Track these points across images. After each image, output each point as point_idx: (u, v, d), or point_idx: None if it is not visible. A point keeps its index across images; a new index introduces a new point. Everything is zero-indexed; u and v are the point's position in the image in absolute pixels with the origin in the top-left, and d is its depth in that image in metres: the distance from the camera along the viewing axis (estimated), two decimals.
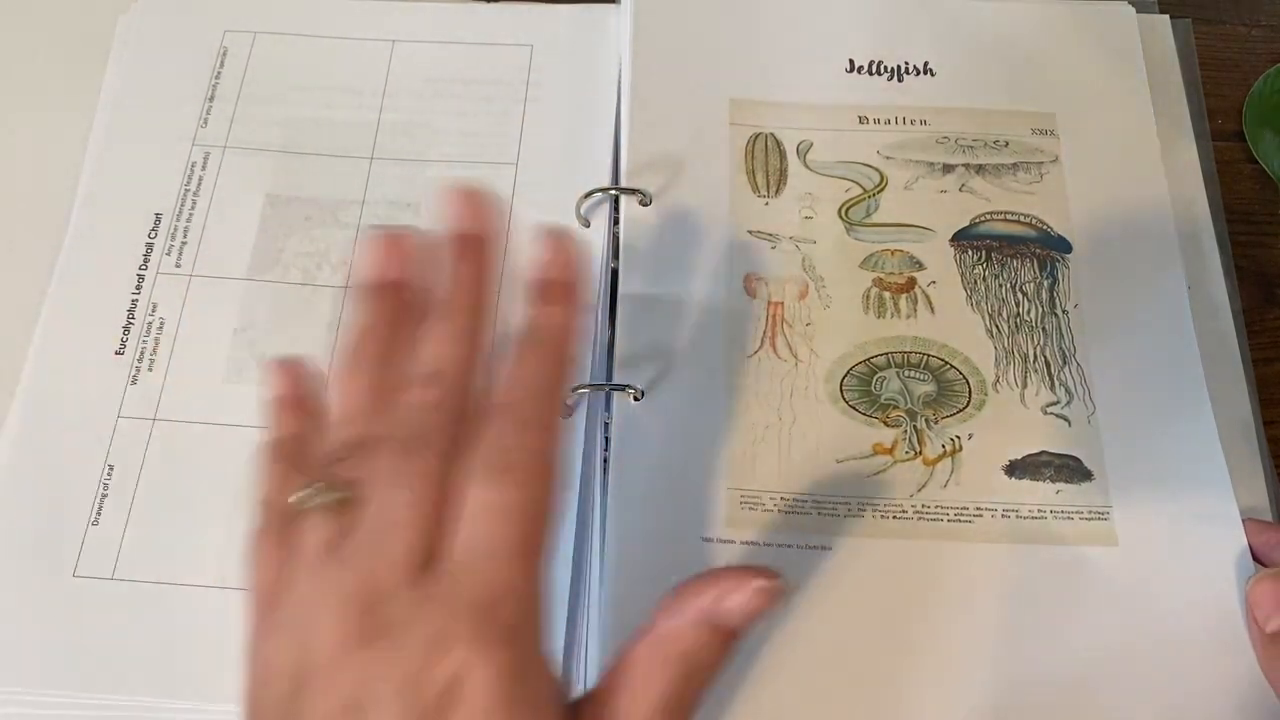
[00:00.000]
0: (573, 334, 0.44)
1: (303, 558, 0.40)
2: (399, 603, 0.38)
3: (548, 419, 0.42)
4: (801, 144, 0.68)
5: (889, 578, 0.57)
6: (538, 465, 0.41)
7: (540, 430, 0.41)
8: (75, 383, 0.63)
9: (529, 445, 0.41)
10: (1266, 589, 0.53)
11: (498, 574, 0.39)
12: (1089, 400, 0.61)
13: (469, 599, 0.38)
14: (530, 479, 0.40)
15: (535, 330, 0.43)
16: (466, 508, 0.39)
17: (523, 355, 0.43)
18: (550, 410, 0.42)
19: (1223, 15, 0.76)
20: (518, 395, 0.42)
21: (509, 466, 0.40)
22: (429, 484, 0.40)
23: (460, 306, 0.44)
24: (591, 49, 0.73)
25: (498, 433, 0.41)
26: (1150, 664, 0.55)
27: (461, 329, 0.43)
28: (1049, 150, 0.68)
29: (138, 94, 0.71)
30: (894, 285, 0.64)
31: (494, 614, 0.38)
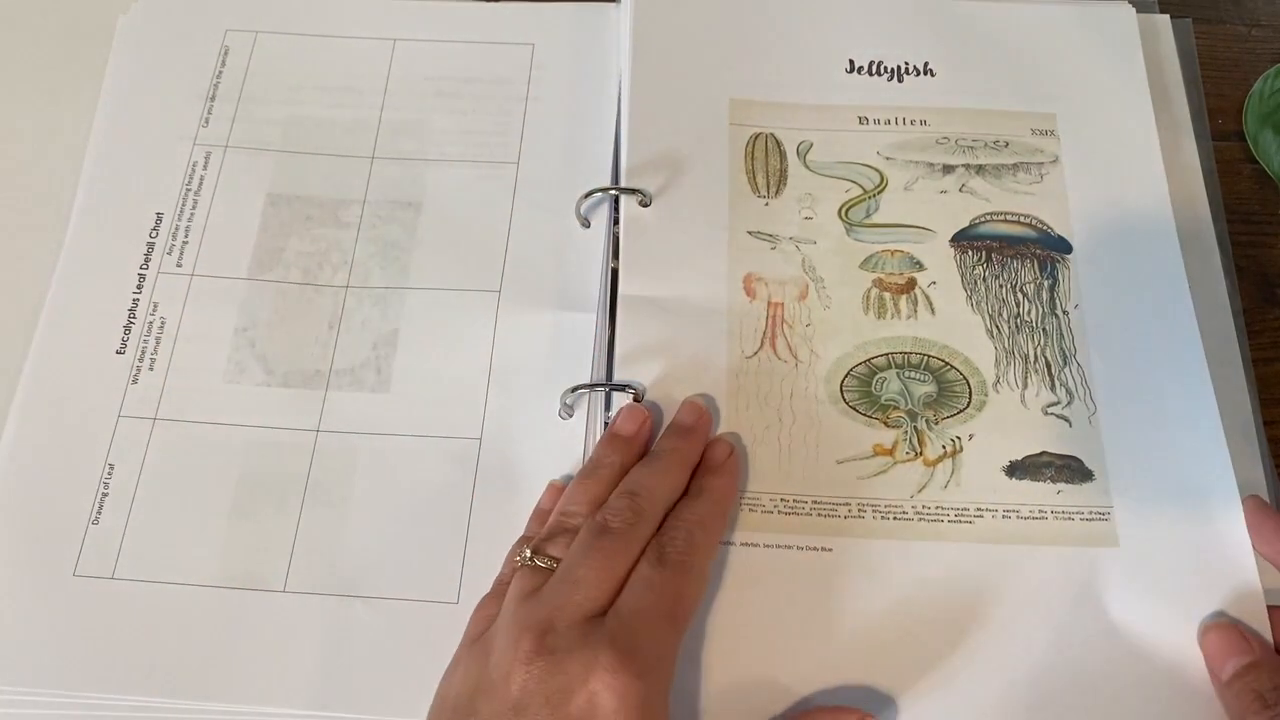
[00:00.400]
0: (732, 495, 0.59)
1: (509, 599, 0.52)
2: (566, 636, 0.49)
3: (703, 543, 0.55)
4: (802, 144, 0.68)
5: (890, 579, 0.57)
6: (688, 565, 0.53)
7: (695, 548, 0.54)
8: (76, 382, 0.63)
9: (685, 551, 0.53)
10: (1214, 639, 0.55)
11: (642, 627, 0.50)
12: (1090, 400, 0.61)
13: (617, 640, 0.49)
14: (680, 570, 0.53)
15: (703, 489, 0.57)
16: (629, 583, 0.52)
17: (690, 502, 0.56)
18: (707, 539, 0.55)
19: (1223, 15, 0.76)
20: (682, 522, 0.55)
21: (668, 559, 0.53)
22: (609, 560, 0.52)
23: (665, 455, 0.58)
24: (592, 48, 0.73)
25: (668, 538, 0.54)
26: (1152, 664, 0.55)
27: (664, 469, 0.57)
28: (1049, 151, 0.68)
29: (138, 94, 0.71)
30: (894, 286, 0.64)
31: (633, 655, 0.48)
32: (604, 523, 0.53)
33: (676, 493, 0.57)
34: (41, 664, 0.56)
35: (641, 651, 0.49)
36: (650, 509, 0.54)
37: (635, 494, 0.55)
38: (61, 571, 0.58)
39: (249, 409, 0.62)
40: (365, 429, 0.62)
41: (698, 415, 0.60)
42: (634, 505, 0.54)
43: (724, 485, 0.58)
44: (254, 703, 0.56)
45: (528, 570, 0.53)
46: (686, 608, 0.53)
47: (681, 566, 0.53)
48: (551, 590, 0.51)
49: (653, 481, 0.56)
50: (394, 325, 0.64)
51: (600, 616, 0.50)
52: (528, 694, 0.48)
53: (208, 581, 0.58)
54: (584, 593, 0.50)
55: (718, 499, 0.57)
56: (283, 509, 0.60)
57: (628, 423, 0.59)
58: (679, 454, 0.58)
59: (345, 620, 0.57)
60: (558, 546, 0.54)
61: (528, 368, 0.63)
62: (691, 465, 0.58)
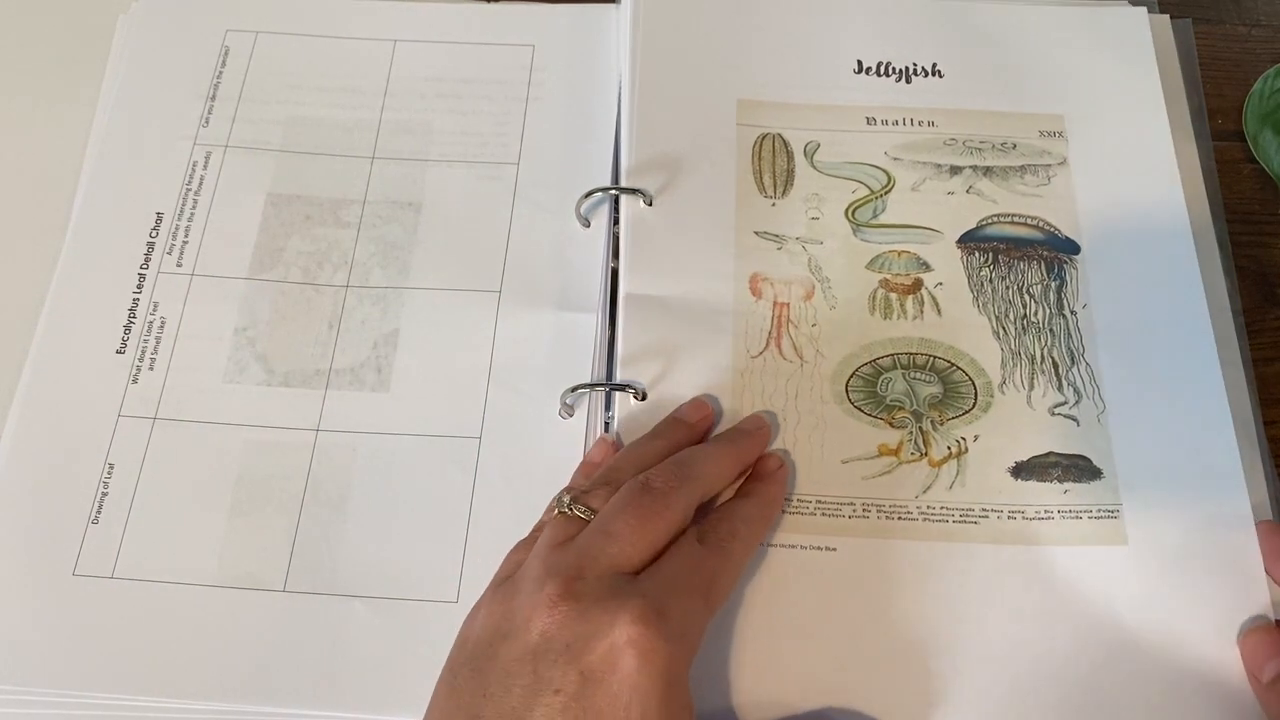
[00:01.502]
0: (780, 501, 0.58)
1: (540, 545, 0.51)
2: (594, 585, 0.48)
3: (747, 538, 0.54)
4: (809, 145, 0.68)
5: (894, 579, 0.57)
6: (729, 553, 0.53)
7: (738, 540, 0.53)
8: (76, 381, 0.62)
9: (728, 541, 0.53)
10: (1255, 641, 0.55)
11: (675, 595, 0.49)
12: (1099, 400, 0.61)
13: (648, 599, 0.47)
14: (721, 555, 0.52)
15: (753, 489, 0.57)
16: (668, 553, 0.51)
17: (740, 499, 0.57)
18: (750, 536, 0.55)
19: (1223, 15, 0.77)
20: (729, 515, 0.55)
21: (709, 539, 0.52)
22: (647, 518, 0.51)
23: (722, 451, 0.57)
24: (592, 48, 0.73)
25: (711, 524, 0.53)
26: (1160, 661, 0.55)
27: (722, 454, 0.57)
28: (1056, 152, 0.68)
29: (139, 93, 0.71)
30: (900, 286, 0.64)
31: (662, 617, 0.47)
32: (646, 481, 0.52)
33: (723, 481, 0.57)
34: (41, 663, 0.56)
35: (671, 617, 0.47)
36: (695, 481, 0.54)
37: (683, 464, 0.54)
38: (61, 571, 0.58)
39: (249, 409, 0.62)
40: (365, 429, 0.62)
41: (758, 425, 0.60)
42: (679, 473, 0.53)
43: (773, 492, 0.57)
44: (254, 702, 0.55)
45: (563, 518, 0.53)
46: (721, 589, 0.52)
47: (722, 550, 0.52)
48: (585, 539, 0.50)
49: (703, 460, 0.55)
50: (394, 325, 0.64)
51: (632, 574, 0.49)
52: (548, 639, 0.46)
53: (207, 581, 0.58)
54: (618, 546, 0.49)
55: (766, 502, 0.57)
56: (282, 509, 0.60)
57: (692, 410, 0.60)
58: (734, 449, 0.58)
59: (345, 620, 0.57)
60: (598, 499, 0.53)
61: (528, 368, 0.63)
62: (743, 465, 0.58)
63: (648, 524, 0.50)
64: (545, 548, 0.51)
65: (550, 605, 0.47)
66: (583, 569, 0.48)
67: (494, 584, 0.52)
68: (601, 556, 0.49)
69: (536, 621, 0.47)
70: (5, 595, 0.57)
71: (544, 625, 0.47)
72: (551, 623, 0.47)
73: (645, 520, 0.50)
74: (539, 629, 0.47)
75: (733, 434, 0.59)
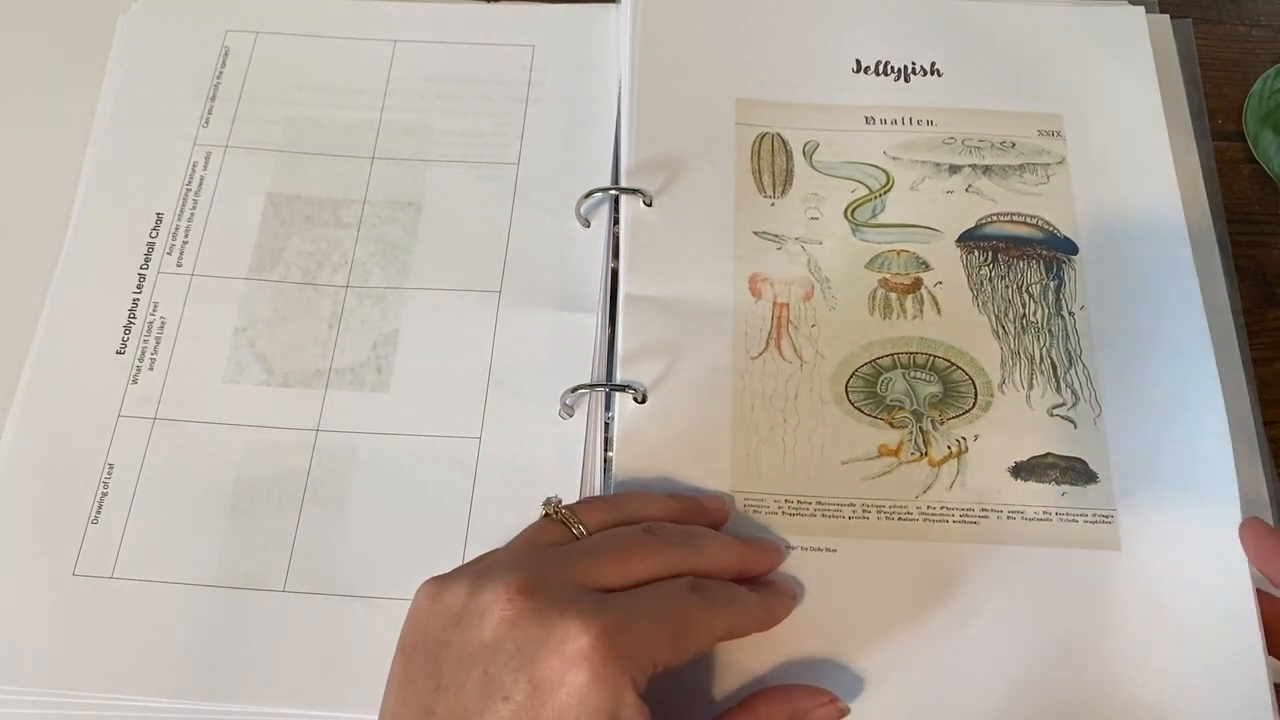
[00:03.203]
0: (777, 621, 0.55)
1: (518, 541, 0.51)
2: (558, 589, 0.46)
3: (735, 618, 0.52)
4: (808, 144, 0.68)
5: (894, 580, 0.57)
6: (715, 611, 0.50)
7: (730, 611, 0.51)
8: (76, 382, 0.62)
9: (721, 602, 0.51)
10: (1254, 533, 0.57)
11: (641, 623, 0.46)
12: (1095, 402, 0.61)
13: (609, 616, 0.45)
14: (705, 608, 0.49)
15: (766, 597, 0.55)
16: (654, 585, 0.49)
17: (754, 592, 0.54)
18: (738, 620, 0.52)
19: (1223, 15, 0.77)
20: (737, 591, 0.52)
21: (699, 588, 0.50)
22: (635, 553, 0.49)
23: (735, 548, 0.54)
24: (592, 48, 0.73)
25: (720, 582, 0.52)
26: (1154, 666, 0.55)
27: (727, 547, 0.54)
28: (1055, 152, 0.68)
29: (139, 94, 0.71)
30: (900, 286, 0.64)
31: (621, 635, 0.45)
32: (648, 528, 0.51)
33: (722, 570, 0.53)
34: (41, 663, 0.56)
35: (630, 638, 0.45)
36: (697, 552, 0.52)
37: (690, 533, 0.53)
38: (61, 571, 0.58)
39: (249, 409, 0.62)
40: (365, 429, 0.62)
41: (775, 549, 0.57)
42: (685, 536, 0.52)
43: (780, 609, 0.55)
44: (254, 702, 0.55)
45: (547, 521, 0.52)
46: (693, 639, 0.49)
47: (710, 603, 0.50)
48: (563, 550, 0.49)
49: (711, 541, 0.53)
50: (394, 325, 0.64)
51: (601, 591, 0.48)
52: (499, 636, 0.45)
53: (207, 581, 0.58)
54: (594, 561, 0.48)
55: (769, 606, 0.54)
56: (282, 509, 0.60)
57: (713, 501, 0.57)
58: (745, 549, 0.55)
59: (345, 620, 0.57)
60: (590, 514, 0.52)
61: (528, 368, 0.63)
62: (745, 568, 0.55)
63: (633, 556, 0.49)
64: (520, 543, 0.51)
65: (507, 599, 0.46)
66: (550, 572, 0.47)
67: (466, 564, 0.51)
68: (573, 566, 0.48)
69: (491, 615, 0.46)
70: (5, 595, 0.57)
71: (498, 620, 0.45)
72: (505, 619, 0.45)
73: (632, 552, 0.50)
74: (493, 623, 0.45)
75: (751, 540, 0.57)
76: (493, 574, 0.47)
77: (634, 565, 0.49)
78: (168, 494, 0.60)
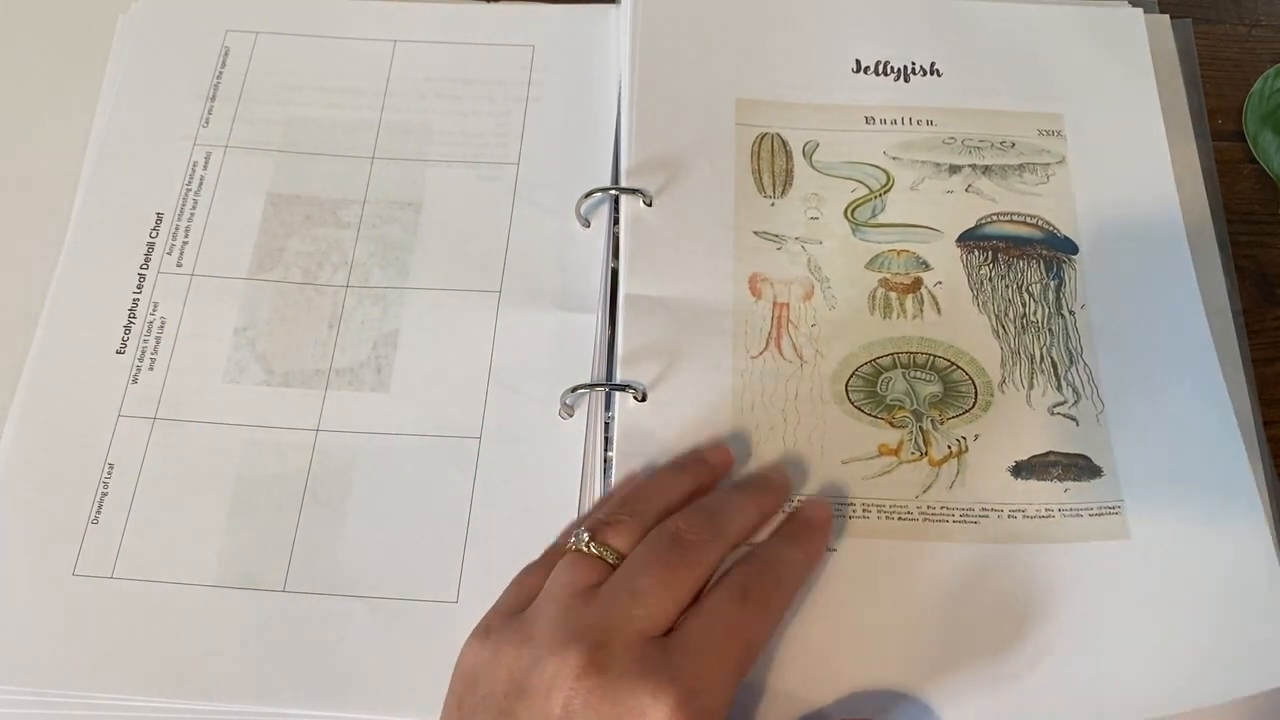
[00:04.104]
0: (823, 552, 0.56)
1: (558, 587, 0.49)
2: (622, 657, 0.46)
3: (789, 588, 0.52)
4: (808, 144, 0.68)
5: (894, 579, 0.57)
6: (770, 607, 0.51)
7: (780, 590, 0.51)
8: (76, 382, 0.62)
9: (771, 593, 0.51)
10: None
11: (709, 666, 0.47)
12: (1098, 399, 0.61)
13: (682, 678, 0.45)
14: (761, 612, 0.50)
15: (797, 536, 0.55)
16: (701, 610, 0.48)
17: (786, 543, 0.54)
18: (792, 586, 0.53)
19: (1223, 15, 0.77)
20: (774, 561, 0.52)
21: (748, 594, 0.50)
22: (676, 575, 0.49)
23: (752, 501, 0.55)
24: (592, 48, 0.73)
25: (754, 571, 0.51)
26: (1167, 655, 0.55)
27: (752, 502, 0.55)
28: (1055, 151, 0.68)
29: (139, 94, 0.71)
30: (900, 286, 0.64)
31: (696, 698, 0.45)
32: (677, 532, 0.50)
33: (749, 534, 0.54)
34: (41, 663, 0.55)
35: (704, 693, 0.46)
36: (727, 534, 0.52)
37: (714, 514, 0.52)
38: (61, 571, 0.58)
39: (249, 409, 0.62)
40: (365, 429, 0.62)
41: (782, 478, 0.57)
42: (711, 524, 0.51)
43: (820, 543, 0.55)
44: (254, 702, 0.55)
45: (581, 557, 0.51)
46: (758, 649, 0.50)
47: (764, 605, 0.50)
48: (610, 597, 0.48)
49: (735, 509, 0.53)
50: (394, 325, 0.64)
51: (661, 638, 0.47)
52: (570, 713, 0.44)
53: (207, 581, 0.58)
54: (645, 608, 0.47)
55: (812, 553, 0.55)
56: (282, 509, 0.60)
57: (713, 452, 0.58)
58: (760, 500, 0.55)
59: (345, 620, 0.57)
60: (619, 537, 0.51)
61: (528, 368, 0.63)
62: (766, 518, 0.56)
63: (676, 580, 0.49)
64: (565, 594, 0.49)
65: (575, 678, 0.45)
66: (609, 636, 0.46)
67: (503, 611, 0.51)
68: (628, 621, 0.47)
69: (559, 692, 0.45)
70: (5, 595, 0.57)
71: (566, 698, 0.45)
72: (575, 697, 0.44)
73: (674, 576, 0.49)
74: (561, 701, 0.45)
75: (759, 484, 0.57)
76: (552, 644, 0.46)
77: (679, 589, 0.49)
78: (168, 494, 0.60)
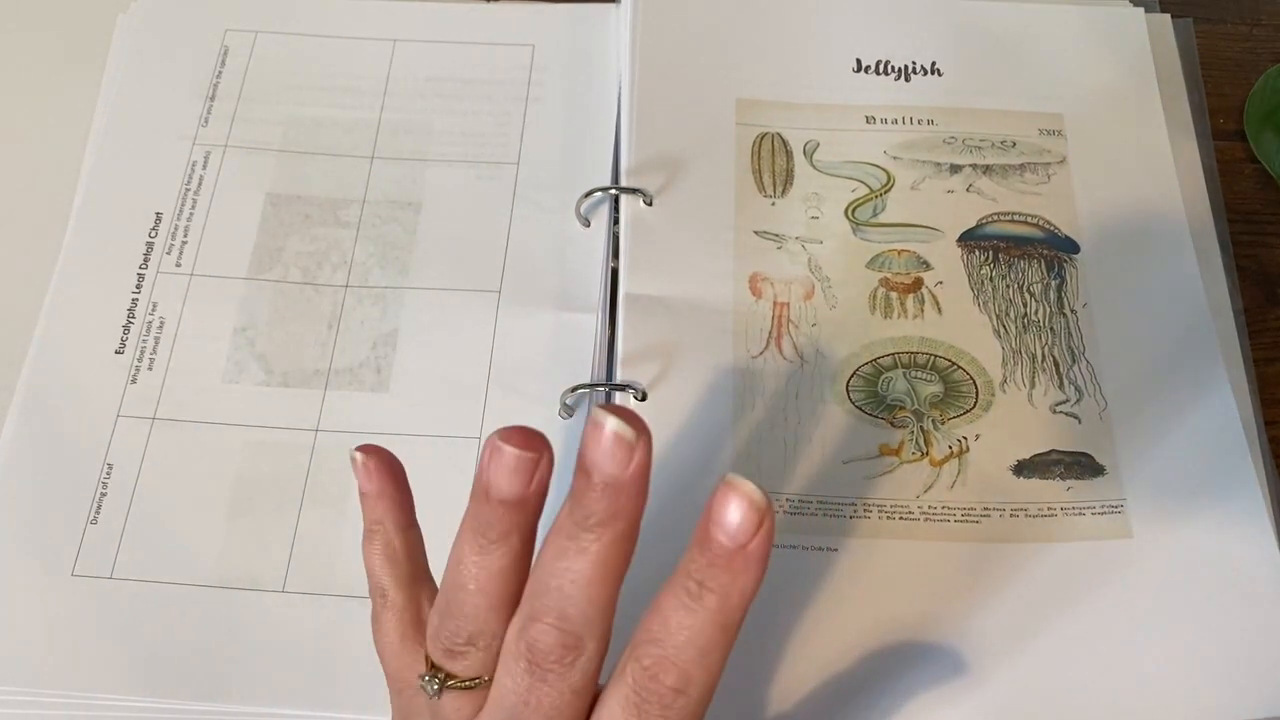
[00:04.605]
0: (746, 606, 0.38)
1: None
2: None
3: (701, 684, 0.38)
4: (808, 144, 0.68)
5: (895, 579, 0.57)
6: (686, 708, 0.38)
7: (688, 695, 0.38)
8: (75, 381, 0.62)
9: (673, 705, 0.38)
10: None
11: None
12: (1100, 397, 0.61)
13: None
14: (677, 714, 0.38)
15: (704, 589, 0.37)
16: None
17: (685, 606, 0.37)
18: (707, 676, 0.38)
19: (1224, 15, 0.77)
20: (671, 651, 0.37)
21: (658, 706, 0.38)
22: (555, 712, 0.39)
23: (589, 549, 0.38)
24: (592, 48, 0.73)
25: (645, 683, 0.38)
26: (1170, 652, 0.55)
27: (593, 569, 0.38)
28: (1056, 151, 0.68)
29: (138, 93, 0.71)
30: (901, 285, 0.64)
31: None
32: (532, 664, 0.39)
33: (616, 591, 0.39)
34: (40, 664, 0.55)
35: None
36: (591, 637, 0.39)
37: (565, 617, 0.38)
38: (60, 571, 0.57)
39: (248, 409, 0.62)
40: (365, 429, 0.61)
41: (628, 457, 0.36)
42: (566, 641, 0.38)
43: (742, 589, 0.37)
44: (253, 703, 0.55)
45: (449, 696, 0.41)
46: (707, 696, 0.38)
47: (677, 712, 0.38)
48: None
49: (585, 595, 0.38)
50: (393, 325, 0.64)
51: None
52: None
53: (206, 581, 0.58)
54: None
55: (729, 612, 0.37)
56: (282, 509, 0.60)
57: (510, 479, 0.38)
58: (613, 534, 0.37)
59: (345, 620, 0.57)
60: (472, 666, 0.41)
61: (528, 368, 0.63)
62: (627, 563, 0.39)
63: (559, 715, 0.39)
64: None
65: None
66: None
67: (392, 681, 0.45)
68: None
69: None
70: (4, 595, 0.57)
71: None
72: None
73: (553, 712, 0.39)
74: None
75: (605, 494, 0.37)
76: None
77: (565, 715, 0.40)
78: (167, 494, 0.60)
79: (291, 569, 0.58)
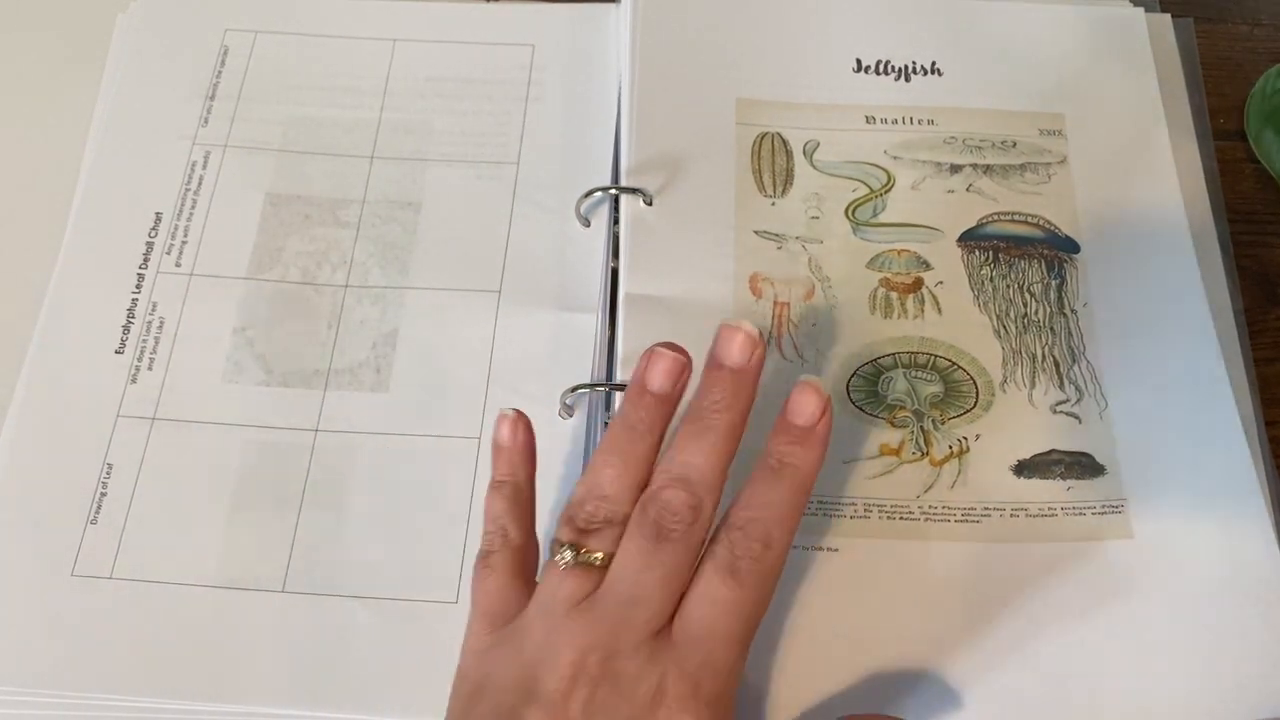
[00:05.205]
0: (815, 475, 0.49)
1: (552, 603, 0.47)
2: (633, 659, 0.45)
3: (781, 543, 0.47)
4: (808, 144, 0.68)
5: (896, 579, 0.57)
6: (764, 576, 0.47)
7: (772, 550, 0.47)
8: (75, 381, 0.62)
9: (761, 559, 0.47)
10: None
11: (713, 653, 0.46)
12: (1100, 397, 0.61)
13: (688, 668, 0.46)
14: (755, 585, 0.47)
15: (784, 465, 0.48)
16: (697, 596, 0.47)
17: (769, 481, 0.48)
18: (785, 537, 0.48)
19: (1224, 15, 0.77)
20: (759, 514, 0.47)
21: (738, 571, 0.46)
22: (672, 573, 0.46)
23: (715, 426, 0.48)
24: (592, 48, 0.73)
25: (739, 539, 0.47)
26: (1171, 651, 0.55)
27: (713, 445, 0.48)
28: (1057, 151, 0.68)
29: (138, 93, 0.71)
30: (901, 285, 0.64)
31: (704, 683, 0.46)
32: (659, 526, 0.46)
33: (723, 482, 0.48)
34: (39, 664, 0.55)
35: (712, 678, 0.46)
36: (709, 502, 0.47)
37: (690, 483, 0.47)
38: (60, 571, 0.58)
39: (248, 409, 0.62)
40: (365, 429, 0.61)
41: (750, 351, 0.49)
42: (692, 501, 0.47)
43: (812, 461, 0.49)
44: (253, 703, 0.55)
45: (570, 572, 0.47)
46: (756, 625, 0.48)
47: (757, 579, 0.47)
48: (611, 606, 0.46)
49: (707, 465, 0.47)
50: (393, 325, 0.64)
51: (665, 630, 0.46)
52: (589, 715, 0.44)
53: (206, 581, 0.58)
54: (645, 610, 0.46)
55: (802, 480, 0.48)
56: (281, 509, 0.60)
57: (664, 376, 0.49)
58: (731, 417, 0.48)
59: (345, 620, 0.57)
60: (602, 541, 0.48)
61: (528, 368, 0.63)
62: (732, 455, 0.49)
63: (674, 577, 0.47)
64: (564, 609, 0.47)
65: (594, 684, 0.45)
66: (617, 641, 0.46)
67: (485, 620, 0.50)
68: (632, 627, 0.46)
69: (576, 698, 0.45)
70: (4, 595, 0.57)
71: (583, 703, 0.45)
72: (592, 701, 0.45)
73: (670, 575, 0.46)
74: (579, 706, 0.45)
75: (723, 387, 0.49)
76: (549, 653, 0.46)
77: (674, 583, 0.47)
78: (167, 494, 0.60)
79: (291, 569, 0.58)
